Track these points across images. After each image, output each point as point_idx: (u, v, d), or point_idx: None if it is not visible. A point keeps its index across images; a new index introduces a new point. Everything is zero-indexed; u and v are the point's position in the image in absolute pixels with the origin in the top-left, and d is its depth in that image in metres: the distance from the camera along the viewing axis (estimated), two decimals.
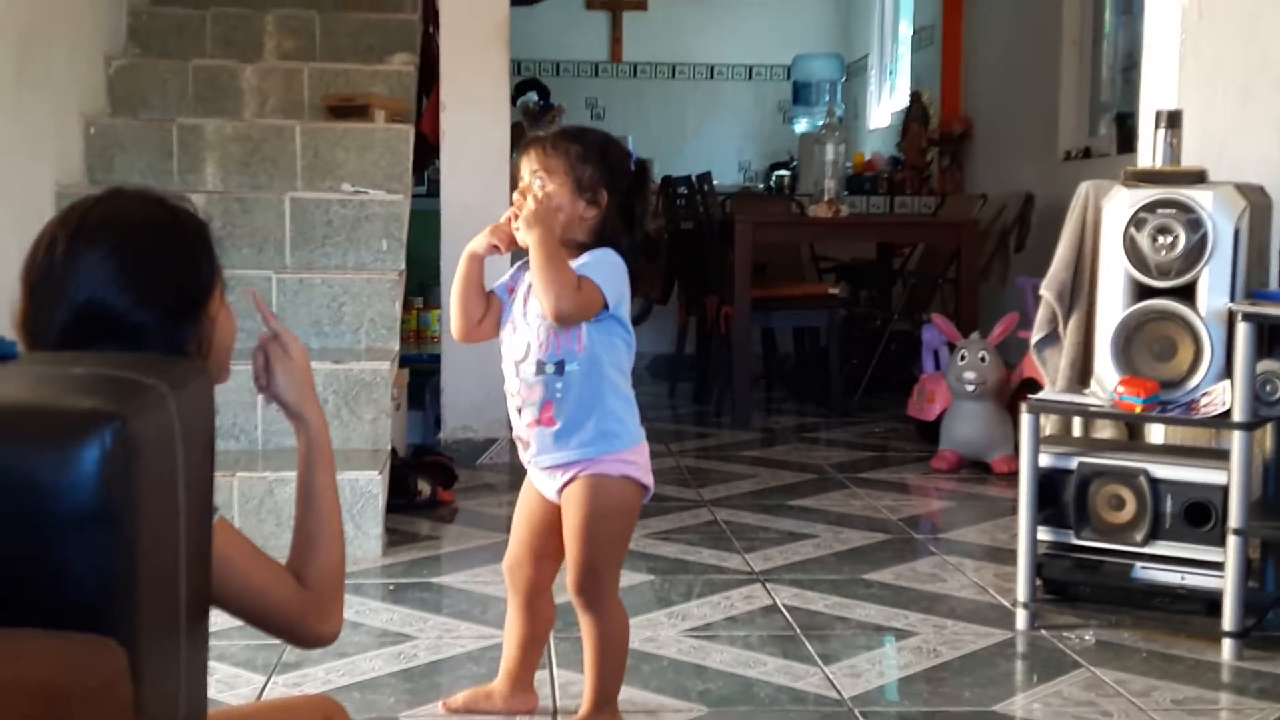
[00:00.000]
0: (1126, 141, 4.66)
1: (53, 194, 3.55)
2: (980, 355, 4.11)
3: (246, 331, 1.47)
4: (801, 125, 8.01)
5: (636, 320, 2.00)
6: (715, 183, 5.65)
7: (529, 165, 1.97)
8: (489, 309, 2.01)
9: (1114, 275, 2.56)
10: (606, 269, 1.94)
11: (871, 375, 5.43)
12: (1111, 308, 2.56)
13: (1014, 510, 3.73)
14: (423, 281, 4.77)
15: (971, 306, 4.79)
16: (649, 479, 2.02)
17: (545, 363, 1.95)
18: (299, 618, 1.33)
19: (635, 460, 1.99)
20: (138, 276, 1.25)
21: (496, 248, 1.97)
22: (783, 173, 6.91)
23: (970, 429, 4.13)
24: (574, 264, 1.93)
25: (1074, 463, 2.55)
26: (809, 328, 5.70)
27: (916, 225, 5.76)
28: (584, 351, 1.94)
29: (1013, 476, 4.01)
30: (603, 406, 1.96)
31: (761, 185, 7.32)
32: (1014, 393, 4.08)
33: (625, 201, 1.97)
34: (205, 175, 3.90)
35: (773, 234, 5.29)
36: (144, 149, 3.88)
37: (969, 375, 4.10)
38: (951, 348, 4.24)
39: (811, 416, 5.30)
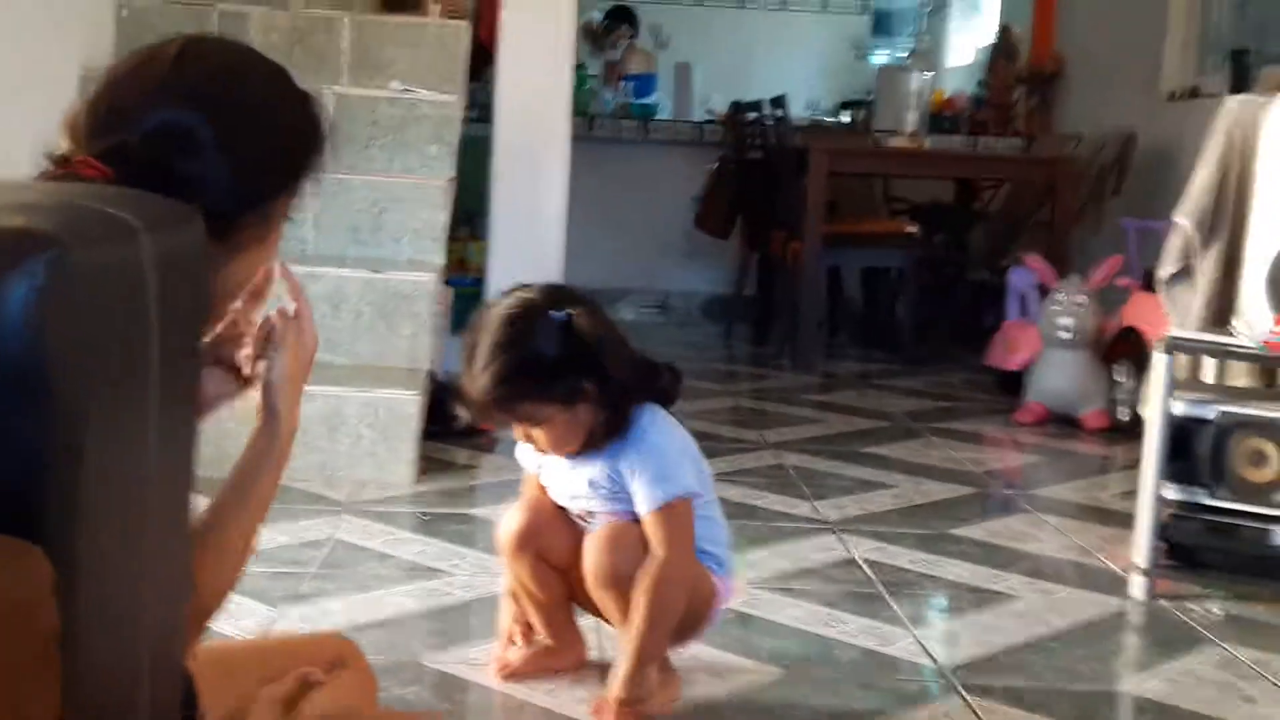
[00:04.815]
0: (1241, 81, 4.26)
1: (79, 77, 3.28)
2: (1078, 300, 3.75)
3: None
4: (881, 58, 7.61)
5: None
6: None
7: (514, 427, 1.72)
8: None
9: (1274, 199, 2.21)
10: (660, 462, 1.65)
11: (942, 324, 5.10)
12: (1269, 236, 2.21)
13: (1107, 469, 3.40)
14: (470, 210, 4.46)
15: (1063, 249, 4.43)
16: (725, 594, 1.78)
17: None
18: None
19: (722, 581, 1.77)
20: (234, 117, 1.07)
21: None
22: (856, 109, 6.53)
23: (1061, 380, 3.78)
24: (641, 500, 1.65)
25: (1213, 412, 2.22)
26: (879, 269, 5.36)
27: (1007, 161, 5.38)
28: None
29: (1106, 433, 3.69)
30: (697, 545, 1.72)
31: (831, 119, 6.95)
32: (1111, 343, 3.74)
33: (596, 365, 1.64)
34: None
35: (850, 163, 4.95)
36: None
37: (1064, 321, 3.75)
38: (1043, 292, 3.89)
39: (877, 363, 4.98)
